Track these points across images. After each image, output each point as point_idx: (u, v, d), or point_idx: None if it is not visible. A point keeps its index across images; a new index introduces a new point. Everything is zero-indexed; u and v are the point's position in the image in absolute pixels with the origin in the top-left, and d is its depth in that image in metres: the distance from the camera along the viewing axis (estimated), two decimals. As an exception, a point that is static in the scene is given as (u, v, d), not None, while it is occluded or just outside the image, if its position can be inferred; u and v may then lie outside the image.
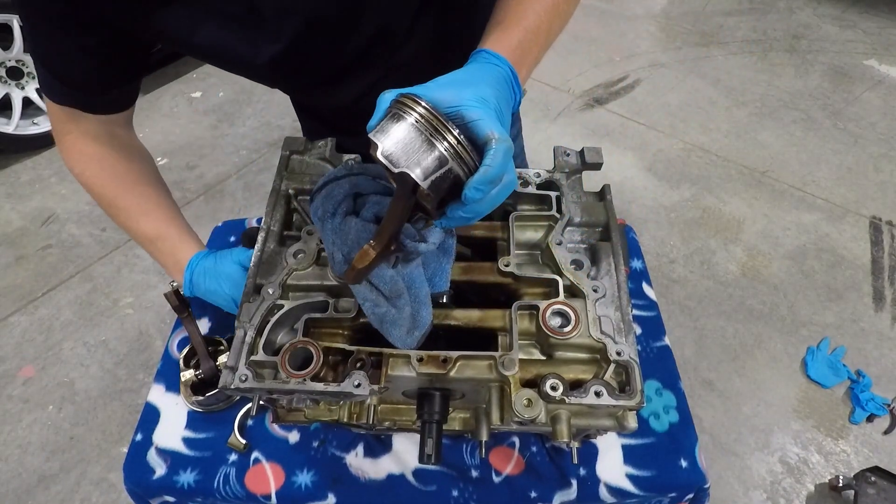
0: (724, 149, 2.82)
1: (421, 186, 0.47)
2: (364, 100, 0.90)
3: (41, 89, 0.78)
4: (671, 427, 0.87)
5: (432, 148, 0.46)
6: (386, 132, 0.47)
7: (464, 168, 0.48)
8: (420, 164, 0.46)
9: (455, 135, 0.47)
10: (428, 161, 0.46)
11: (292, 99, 1.07)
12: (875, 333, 2.06)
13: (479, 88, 0.52)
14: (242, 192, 2.58)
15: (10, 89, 2.60)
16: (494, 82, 0.55)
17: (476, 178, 0.47)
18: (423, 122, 0.46)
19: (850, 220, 2.47)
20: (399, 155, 0.46)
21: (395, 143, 0.46)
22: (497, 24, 0.65)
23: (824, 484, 1.67)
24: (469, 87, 0.51)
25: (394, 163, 0.46)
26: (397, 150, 0.46)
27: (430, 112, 0.46)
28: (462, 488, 0.81)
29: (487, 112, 0.49)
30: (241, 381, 0.60)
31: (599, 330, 0.63)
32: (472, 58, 0.60)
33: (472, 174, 0.48)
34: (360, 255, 0.55)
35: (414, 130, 0.46)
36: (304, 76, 0.83)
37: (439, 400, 0.65)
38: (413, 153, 0.46)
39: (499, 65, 0.58)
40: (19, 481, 1.67)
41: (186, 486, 0.81)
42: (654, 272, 2.21)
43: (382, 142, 0.47)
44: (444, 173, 0.47)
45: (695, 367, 1.95)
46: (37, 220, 2.46)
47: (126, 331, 2.05)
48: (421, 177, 0.46)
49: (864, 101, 3.13)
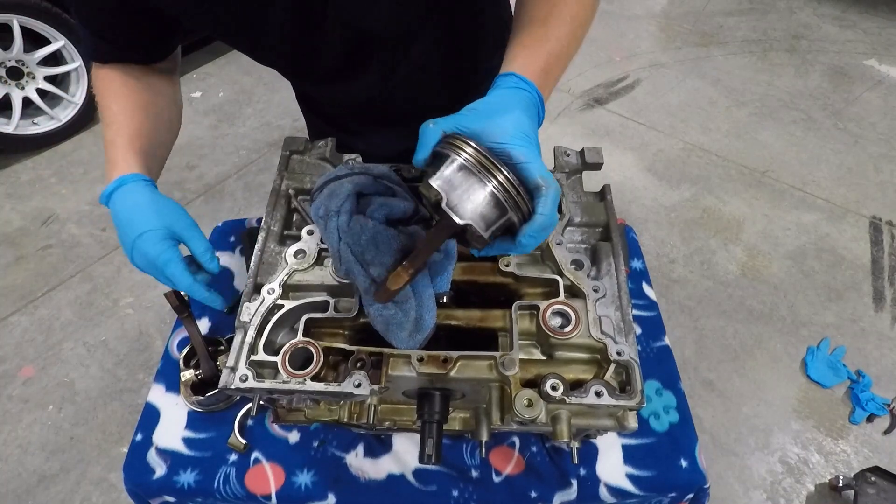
0: (724, 149, 2.82)
1: (484, 237, 0.50)
2: (373, 102, 0.90)
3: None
4: (671, 427, 0.87)
5: (495, 200, 0.49)
6: (451, 183, 0.49)
7: (519, 215, 0.50)
8: (484, 218, 0.49)
9: (515, 186, 0.49)
10: (490, 213, 0.49)
11: (299, 95, 1.06)
12: (875, 333, 2.06)
13: (520, 122, 0.53)
14: (242, 192, 2.57)
15: (10, 89, 2.59)
16: (527, 110, 0.56)
17: (531, 227, 0.51)
18: (485, 173, 0.48)
19: (850, 220, 2.47)
20: (466, 209, 0.49)
21: (460, 196, 0.49)
22: (522, 46, 0.65)
23: (824, 484, 1.67)
24: (509, 120, 0.53)
25: (459, 215, 0.49)
26: (463, 204, 0.49)
27: (489, 160, 0.48)
28: (462, 488, 0.81)
29: (534, 153, 0.51)
30: (241, 381, 0.60)
31: (600, 330, 0.63)
32: (502, 81, 0.61)
33: (526, 220, 0.51)
34: (394, 277, 0.56)
35: (477, 182, 0.49)
36: (318, 65, 0.82)
37: (439, 400, 0.65)
38: (477, 206, 0.49)
39: (528, 90, 0.59)
40: (19, 481, 1.67)
41: (186, 487, 0.81)
42: (654, 272, 2.21)
43: (448, 195, 0.49)
44: (504, 223, 0.51)
45: (695, 367, 1.95)
46: (37, 220, 2.45)
47: (126, 331, 2.05)
48: (484, 228, 0.49)
49: (864, 101, 3.13)
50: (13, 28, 2.44)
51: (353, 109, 0.94)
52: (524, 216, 0.51)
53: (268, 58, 0.82)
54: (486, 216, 0.49)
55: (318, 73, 0.85)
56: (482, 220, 0.49)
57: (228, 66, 3.34)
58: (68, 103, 2.79)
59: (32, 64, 2.60)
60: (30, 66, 2.60)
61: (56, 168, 2.70)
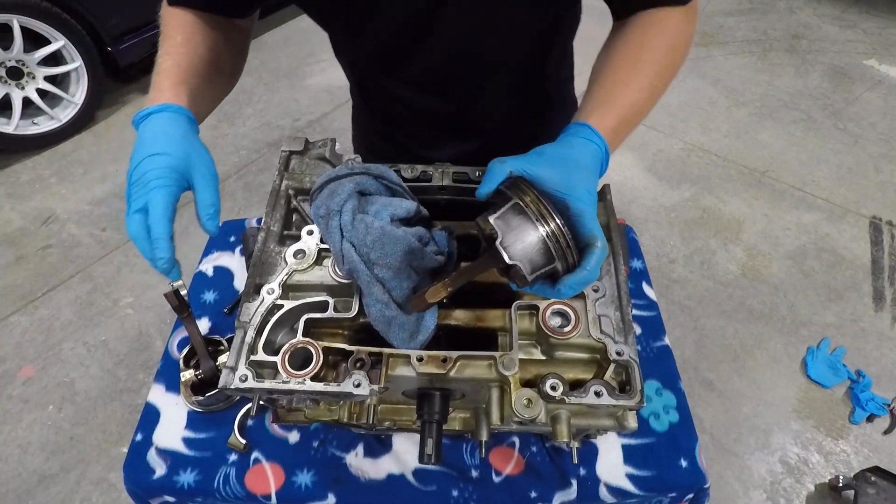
0: (724, 149, 2.82)
1: (527, 279, 0.53)
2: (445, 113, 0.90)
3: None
4: (671, 427, 0.87)
5: (545, 248, 0.52)
6: (509, 226, 0.53)
7: (564, 265, 0.53)
8: (532, 262, 0.53)
9: (566, 238, 0.51)
10: (537, 259, 0.53)
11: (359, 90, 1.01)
12: (875, 333, 2.06)
13: (586, 176, 0.56)
14: (242, 192, 2.57)
15: (10, 89, 2.59)
16: (592, 162, 0.59)
17: (573, 279, 0.53)
18: (541, 221, 0.51)
19: (850, 220, 2.47)
20: (517, 251, 0.52)
21: (514, 237, 0.52)
22: (600, 99, 0.66)
23: (824, 484, 1.67)
24: (577, 172, 0.56)
25: (510, 255, 0.52)
26: (515, 245, 0.52)
27: (547, 209, 0.51)
28: (462, 488, 0.81)
29: (591, 209, 0.54)
30: (241, 381, 0.60)
31: (599, 330, 0.63)
32: (575, 130, 0.63)
33: (570, 270, 0.53)
34: (434, 291, 0.58)
35: (532, 228, 0.52)
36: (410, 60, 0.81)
37: (439, 400, 0.65)
38: (528, 250, 0.52)
39: (598, 145, 0.61)
40: (19, 481, 1.67)
41: (186, 487, 0.81)
42: (654, 272, 2.21)
43: (504, 236, 0.52)
44: (548, 270, 0.54)
45: (695, 367, 1.95)
46: (37, 220, 2.46)
47: (126, 331, 2.05)
48: (529, 272, 0.53)
49: (864, 101, 3.13)
50: (13, 28, 2.45)
51: (424, 116, 0.94)
52: (569, 267, 0.53)
53: (359, 44, 0.80)
54: (534, 261, 0.52)
55: (406, 75, 0.84)
56: (529, 264, 0.52)
57: (228, 66, 3.34)
58: (68, 103, 2.79)
59: (32, 64, 2.60)
60: (30, 66, 2.60)
61: (56, 168, 2.70)
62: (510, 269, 0.53)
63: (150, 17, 2.90)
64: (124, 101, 3.09)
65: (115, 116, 3.00)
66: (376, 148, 1.07)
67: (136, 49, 2.90)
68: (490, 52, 0.78)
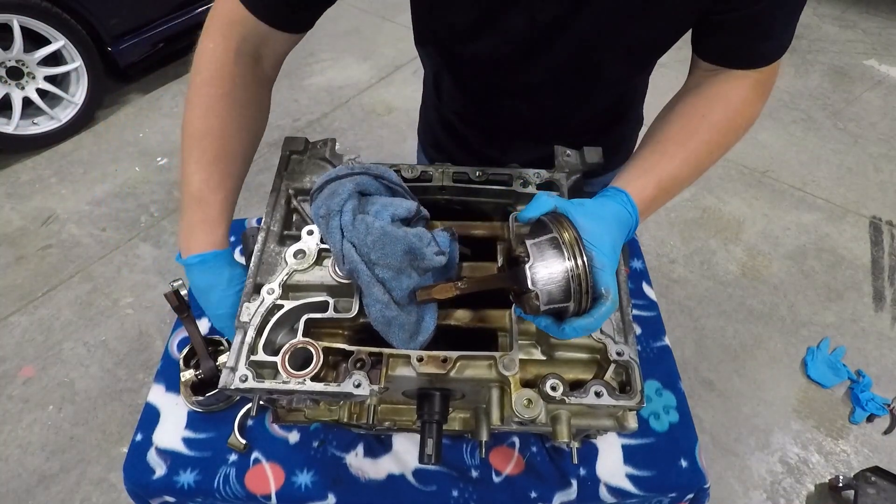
0: (724, 149, 2.82)
1: (539, 308, 0.55)
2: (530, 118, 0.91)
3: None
4: (671, 427, 0.87)
5: (566, 286, 0.55)
6: (543, 257, 0.55)
7: (576, 307, 0.56)
8: (550, 294, 0.55)
9: (588, 284, 0.54)
10: (557, 295, 0.55)
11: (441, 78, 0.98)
12: (875, 333, 2.06)
13: (614, 236, 0.60)
14: (242, 192, 2.56)
15: (10, 89, 2.59)
16: (625, 228, 0.64)
17: (578, 323, 0.56)
18: (571, 258, 0.54)
19: (850, 220, 2.47)
20: (541, 279, 0.55)
21: (543, 267, 0.55)
22: (644, 169, 0.69)
23: (824, 484, 1.67)
24: (608, 230, 0.60)
25: (533, 282, 0.55)
26: (541, 273, 0.55)
27: (580, 250, 0.54)
28: (462, 488, 0.81)
29: (612, 266, 0.57)
30: (241, 381, 0.60)
31: (600, 330, 0.63)
32: (613, 194, 0.66)
33: (578, 314, 0.56)
34: (443, 288, 0.59)
35: (560, 264, 0.55)
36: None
37: (439, 400, 0.65)
38: (551, 284, 0.55)
39: (631, 214, 0.65)
40: (19, 481, 1.67)
41: (186, 487, 0.81)
42: (654, 272, 2.21)
43: (535, 263, 0.55)
44: (560, 307, 0.56)
45: (695, 367, 1.95)
46: (37, 220, 2.46)
47: (126, 331, 2.05)
48: (545, 302, 0.55)
49: (864, 101, 3.13)
50: (13, 28, 2.45)
51: (509, 120, 0.94)
52: (578, 311, 0.56)
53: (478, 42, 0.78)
54: (552, 294, 0.55)
55: (517, 80, 0.83)
56: (547, 295, 0.55)
57: (228, 66, 3.33)
58: (68, 103, 2.79)
59: (32, 64, 2.60)
60: (30, 66, 2.60)
61: (56, 168, 2.70)
62: (524, 294, 0.55)
63: (150, 17, 2.91)
64: (124, 101, 3.09)
65: (115, 116, 3.00)
66: (440, 142, 1.08)
67: (136, 49, 2.90)
68: (608, 64, 0.78)
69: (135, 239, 2.38)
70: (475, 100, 0.93)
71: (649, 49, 0.76)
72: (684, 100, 0.74)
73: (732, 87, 0.71)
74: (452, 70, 0.91)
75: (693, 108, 0.72)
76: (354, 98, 3.16)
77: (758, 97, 0.73)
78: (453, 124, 1.03)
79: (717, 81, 0.72)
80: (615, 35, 0.71)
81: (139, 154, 2.79)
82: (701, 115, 0.71)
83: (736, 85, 0.71)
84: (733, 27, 0.68)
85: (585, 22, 0.69)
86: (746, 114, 0.72)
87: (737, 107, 0.71)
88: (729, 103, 0.71)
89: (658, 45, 0.75)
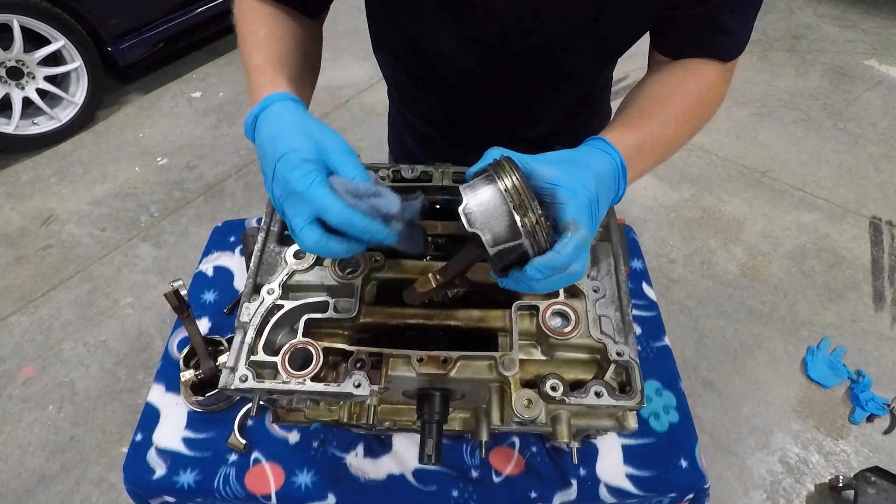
0: (724, 149, 2.82)
1: (489, 252, 0.49)
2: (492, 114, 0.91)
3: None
4: (671, 427, 0.87)
5: (510, 220, 0.47)
6: (474, 190, 0.49)
7: (535, 247, 0.48)
8: (492, 231, 0.48)
9: (536, 213, 0.47)
10: (501, 230, 0.48)
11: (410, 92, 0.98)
12: (875, 333, 2.06)
13: (584, 173, 0.52)
14: (242, 192, 2.58)
15: (10, 89, 2.60)
16: (602, 171, 0.56)
17: (540, 261, 0.48)
18: (510, 192, 0.47)
19: (850, 220, 2.47)
20: (478, 216, 0.48)
21: (479, 205, 0.48)
22: (622, 122, 0.65)
23: (824, 484, 1.67)
24: (575, 169, 0.52)
25: (470, 223, 0.48)
26: (477, 212, 0.48)
27: (520, 184, 0.47)
28: (462, 488, 0.81)
29: (578, 198, 0.50)
30: (241, 381, 0.60)
31: (599, 330, 0.63)
32: (588, 142, 0.61)
33: (542, 254, 0.48)
34: (423, 281, 0.56)
35: (499, 197, 0.48)
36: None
37: (439, 400, 0.65)
38: (491, 219, 0.48)
39: (612, 156, 0.58)
40: (19, 481, 1.67)
41: (186, 487, 0.81)
42: (654, 272, 2.21)
43: (467, 199, 0.49)
44: (514, 247, 0.49)
45: (695, 367, 1.95)
46: (37, 220, 2.46)
47: (126, 331, 2.05)
48: (490, 243, 0.48)
49: (864, 101, 3.13)
50: (13, 28, 2.45)
51: (473, 121, 0.94)
52: (541, 250, 0.48)
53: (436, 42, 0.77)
54: (496, 232, 0.48)
55: (478, 80, 0.83)
56: (490, 233, 0.48)
57: (228, 66, 3.34)
58: (68, 103, 2.79)
59: (32, 64, 2.60)
60: (30, 66, 2.60)
61: (56, 168, 2.70)
62: (475, 239, 0.49)
63: (150, 17, 2.91)
64: (124, 101, 3.09)
65: (115, 116, 3.00)
66: (407, 147, 1.08)
67: (136, 49, 2.90)
68: (571, 63, 0.78)
69: (135, 239, 2.38)
70: (438, 101, 0.94)
71: (611, 48, 0.77)
72: (652, 76, 0.73)
73: (699, 66, 0.72)
74: (412, 74, 0.91)
75: (665, 79, 0.71)
76: (354, 98, 3.16)
77: (723, 81, 0.73)
78: (417, 128, 1.03)
79: (683, 62, 0.73)
80: (576, 36, 0.71)
81: (139, 154, 2.79)
82: (674, 84, 0.70)
83: (702, 67, 0.71)
84: (691, 22, 0.68)
85: (546, 24, 0.69)
86: (715, 91, 0.72)
87: (707, 81, 0.71)
88: (699, 78, 0.71)
89: (620, 44, 0.76)
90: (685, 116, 0.69)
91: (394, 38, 0.85)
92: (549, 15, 0.68)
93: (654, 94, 0.70)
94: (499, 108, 0.89)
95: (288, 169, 0.51)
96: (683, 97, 0.69)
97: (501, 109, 0.89)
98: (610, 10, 0.67)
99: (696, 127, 0.71)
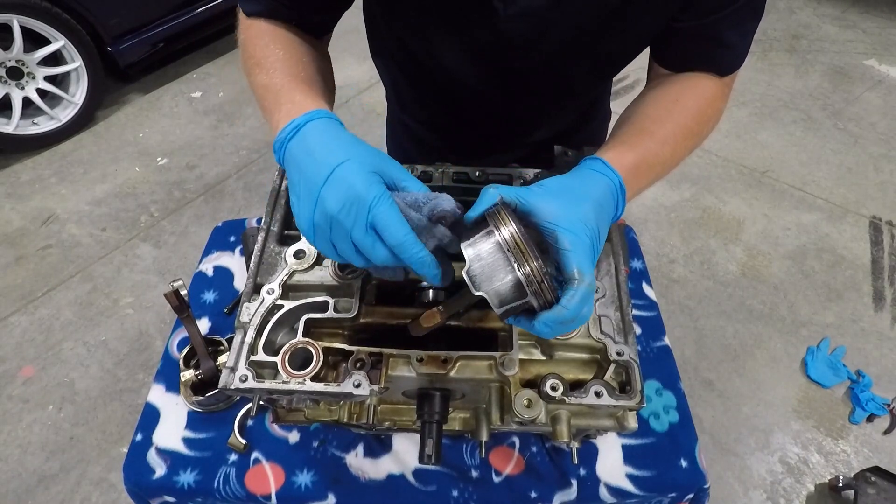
0: (724, 149, 2.82)
1: (497, 312, 0.48)
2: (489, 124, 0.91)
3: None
4: (671, 427, 0.87)
5: (515, 279, 0.47)
6: (475, 248, 0.48)
7: (540, 300, 0.48)
8: (498, 294, 0.48)
9: (540, 271, 0.46)
10: (507, 291, 0.47)
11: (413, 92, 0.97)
12: (875, 333, 2.06)
13: (583, 206, 0.51)
14: (242, 192, 2.57)
15: (10, 89, 2.60)
16: (601, 196, 0.55)
17: (547, 316, 0.47)
18: (510, 247, 0.46)
19: (850, 220, 2.47)
20: (483, 279, 0.48)
21: (482, 267, 0.48)
22: (620, 140, 0.65)
23: (824, 484, 1.67)
24: (575, 205, 0.51)
25: (475, 286, 0.48)
26: (481, 274, 0.48)
27: (519, 237, 0.46)
28: (462, 488, 0.81)
29: (582, 242, 0.49)
30: (241, 381, 0.60)
31: (599, 330, 0.63)
32: (586, 163, 0.60)
33: (549, 307, 0.48)
34: (429, 315, 0.56)
35: (501, 255, 0.47)
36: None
37: (439, 400, 0.65)
38: (496, 280, 0.47)
39: (611, 178, 0.57)
40: (19, 481, 1.67)
41: (186, 487, 0.81)
42: (654, 272, 2.21)
43: (470, 261, 0.48)
44: (522, 305, 0.48)
45: (695, 367, 1.95)
46: (37, 220, 2.46)
47: (126, 331, 2.05)
48: (497, 305, 0.48)
49: (864, 101, 3.13)
50: (13, 28, 2.45)
51: (475, 127, 0.94)
52: (547, 303, 0.48)
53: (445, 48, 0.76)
54: (502, 294, 0.48)
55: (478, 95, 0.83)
56: (496, 297, 0.48)
57: (228, 66, 3.34)
58: (68, 103, 2.79)
59: (32, 64, 2.60)
60: (30, 66, 2.60)
61: (56, 168, 2.70)
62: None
63: (150, 17, 2.91)
64: (124, 101, 3.09)
65: (115, 116, 3.00)
66: (408, 154, 1.08)
67: (136, 49, 2.90)
68: (574, 77, 0.78)
69: (135, 239, 2.38)
70: (438, 108, 0.94)
71: (614, 63, 0.78)
72: (651, 91, 0.73)
73: (698, 81, 0.72)
74: (413, 81, 0.92)
75: (664, 94, 0.71)
76: (354, 98, 3.16)
77: (721, 96, 0.73)
78: (416, 132, 1.03)
79: (682, 77, 0.73)
80: (579, 53, 0.72)
81: (139, 154, 2.79)
82: (673, 99, 0.70)
83: (701, 82, 0.72)
84: (692, 35, 0.69)
85: (550, 42, 0.70)
86: (714, 107, 0.72)
87: (706, 97, 0.71)
88: (699, 94, 0.71)
89: (622, 59, 0.76)
90: (684, 134, 0.68)
91: (393, 48, 0.86)
92: (553, 34, 0.69)
93: (653, 110, 0.70)
94: (499, 117, 0.90)
95: (353, 175, 0.49)
96: (682, 114, 0.69)
97: (502, 117, 0.90)
98: (613, 27, 0.67)
99: (695, 144, 0.71)
